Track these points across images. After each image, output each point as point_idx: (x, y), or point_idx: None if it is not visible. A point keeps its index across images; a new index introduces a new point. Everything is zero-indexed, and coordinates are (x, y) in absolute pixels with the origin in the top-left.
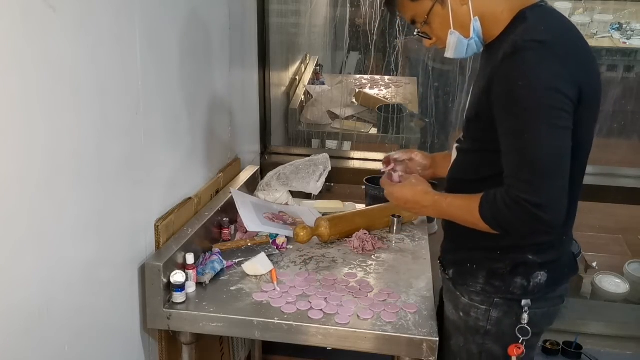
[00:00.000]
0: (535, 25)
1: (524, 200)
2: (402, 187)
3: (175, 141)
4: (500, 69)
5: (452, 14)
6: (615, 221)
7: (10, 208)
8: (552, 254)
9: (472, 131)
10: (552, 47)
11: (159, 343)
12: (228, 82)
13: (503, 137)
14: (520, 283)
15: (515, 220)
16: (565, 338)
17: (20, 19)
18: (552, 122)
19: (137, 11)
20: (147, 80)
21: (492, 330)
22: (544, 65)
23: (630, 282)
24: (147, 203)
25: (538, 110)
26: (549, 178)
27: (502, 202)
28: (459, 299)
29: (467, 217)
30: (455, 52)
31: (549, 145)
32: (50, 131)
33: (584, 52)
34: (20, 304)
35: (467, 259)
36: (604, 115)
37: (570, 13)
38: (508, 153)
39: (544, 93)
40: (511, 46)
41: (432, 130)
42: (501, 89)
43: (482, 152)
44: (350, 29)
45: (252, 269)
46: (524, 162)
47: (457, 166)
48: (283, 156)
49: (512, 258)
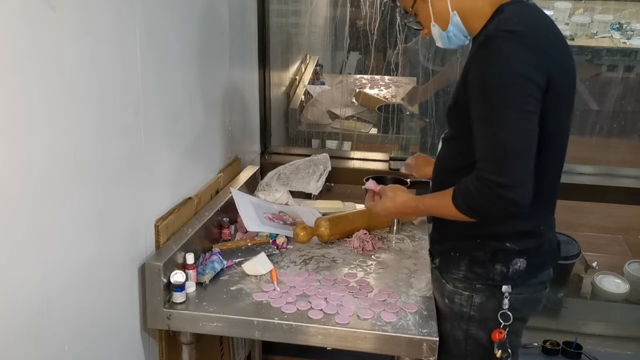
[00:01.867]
0: (508, 17)
1: (489, 181)
2: (382, 202)
3: (175, 141)
4: (474, 57)
5: (432, 7)
6: (615, 221)
7: (10, 208)
8: (531, 242)
9: (452, 119)
10: (522, 36)
11: (159, 343)
12: (228, 81)
13: (475, 123)
14: (499, 269)
15: (485, 203)
16: (565, 338)
17: (20, 18)
18: (520, 106)
19: (137, 11)
20: (147, 80)
21: (475, 315)
22: (513, 52)
23: (630, 282)
24: (147, 203)
25: (507, 95)
26: (513, 158)
27: (473, 187)
28: (444, 286)
29: (446, 211)
30: (441, 43)
31: (516, 128)
32: (50, 131)
33: (556, 44)
34: (21, 303)
35: (451, 247)
36: (604, 115)
37: (571, 13)
38: (478, 137)
39: (513, 79)
40: (484, 36)
41: (432, 130)
42: (473, 76)
43: (460, 139)
44: (350, 29)
45: (252, 269)
46: (492, 144)
47: (441, 156)
48: (283, 156)
49: (492, 245)
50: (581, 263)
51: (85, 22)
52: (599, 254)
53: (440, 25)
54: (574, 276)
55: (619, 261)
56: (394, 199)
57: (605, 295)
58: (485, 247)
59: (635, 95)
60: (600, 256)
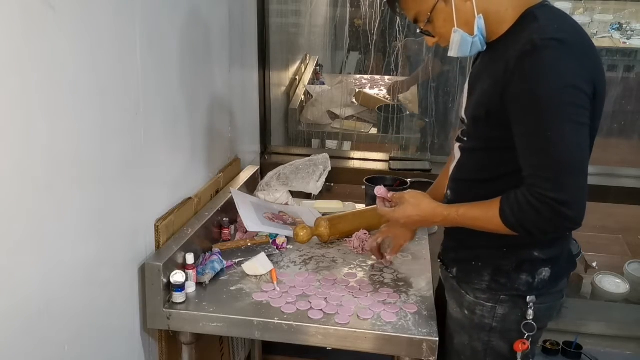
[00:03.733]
0: (548, 24)
1: (550, 198)
2: (404, 209)
3: (175, 141)
4: (518, 67)
5: (455, 12)
6: (615, 221)
7: (10, 208)
8: (555, 250)
9: (481, 130)
10: (569, 45)
11: (159, 343)
12: (228, 81)
13: (522, 137)
14: (525, 279)
15: (541, 220)
16: (565, 338)
17: (19, 18)
18: (574, 119)
19: (137, 11)
20: (147, 80)
21: (497, 327)
22: (564, 63)
23: (630, 282)
24: (147, 203)
25: (560, 108)
26: (573, 175)
27: (527, 203)
28: (464, 297)
29: (486, 224)
30: (460, 51)
31: (571, 142)
32: (50, 131)
33: (593, 50)
34: (21, 303)
35: (472, 256)
36: (604, 115)
37: (571, 13)
38: (528, 152)
39: (566, 91)
40: (529, 44)
41: (432, 130)
42: (520, 87)
43: (490, 150)
44: (350, 29)
45: (252, 269)
46: (547, 160)
47: (462, 166)
48: (283, 156)
49: (518, 255)
50: (581, 263)
51: (85, 22)
52: (599, 254)
53: (466, 30)
54: (574, 276)
55: (619, 261)
56: (419, 206)
57: (605, 295)
58: (511, 257)
59: (635, 95)
60: (600, 256)
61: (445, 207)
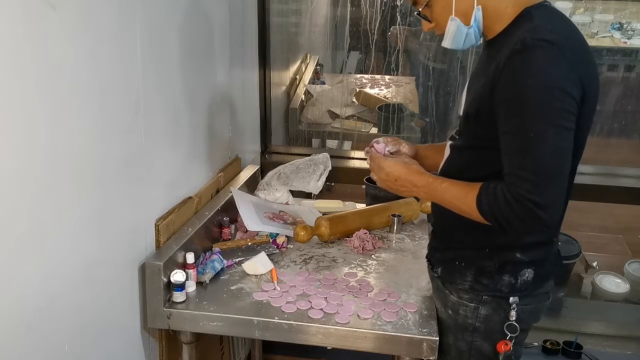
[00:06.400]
0: (542, 24)
1: (526, 199)
2: (395, 162)
3: (175, 140)
4: (507, 66)
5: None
6: (616, 221)
7: (10, 208)
8: (539, 253)
9: (471, 128)
10: (561, 47)
11: (159, 342)
12: (228, 81)
13: (506, 135)
14: (507, 280)
15: (513, 218)
16: (565, 338)
17: (20, 18)
18: (559, 122)
19: (137, 10)
20: (147, 80)
21: (480, 327)
22: (554, 65)
23: (630, 282)
24: (148, 202)
25: (546, 110)
26: (552, 179)
27: (503, 198)
28: (448, 297)
29: (462, 205)
30: (453, 41)
31: (554, 145)
32: (50, 131)
33: (587, 54)
34: (21, 302)
35: (456, 257)
36: (604, 115)
37: (571, 13)
38: (511, 151)
39: (552, 93)
40: (520, 43)
41: (432, 129)
42: (508, 86)
43: (479, 149)
44: (350, 29)
45: (252, 269)
46: (527, 161)
47: (450, 164)
48: (283, 155)
49: (501, 256)
50: (581, 263)
51: (85, 22)
52: (599, 254)
53: (462, 19)
54: (574, 276)
55: (619, 261)
56: (409, 165)
57: (606, 295)
58: (494, 258)
59: (635, 95)
60: (600, 256)
61: (431, 175)
